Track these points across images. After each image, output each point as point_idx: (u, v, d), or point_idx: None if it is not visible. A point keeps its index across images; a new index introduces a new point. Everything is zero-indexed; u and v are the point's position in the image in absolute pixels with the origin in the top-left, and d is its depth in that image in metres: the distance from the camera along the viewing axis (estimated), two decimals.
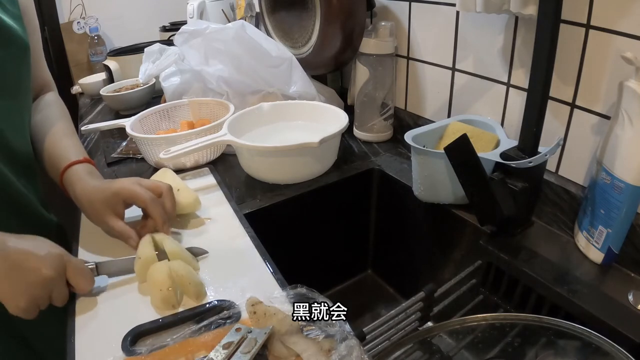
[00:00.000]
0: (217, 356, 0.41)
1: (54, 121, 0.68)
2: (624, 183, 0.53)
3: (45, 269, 0.46)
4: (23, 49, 0.60)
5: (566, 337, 0.48)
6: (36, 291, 0.46)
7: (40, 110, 0.70)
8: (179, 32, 0.99)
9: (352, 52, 0.92)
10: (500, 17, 0.70)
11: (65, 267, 0.49)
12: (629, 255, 0.58)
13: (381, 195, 0.89)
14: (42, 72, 0.73)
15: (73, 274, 0.49)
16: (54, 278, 0.47)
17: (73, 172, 0.61)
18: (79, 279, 0.50)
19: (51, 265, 0.47)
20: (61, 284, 0.49)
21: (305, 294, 0.47)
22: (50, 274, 0.47)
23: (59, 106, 0.73)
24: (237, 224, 0.65)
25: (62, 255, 0.49)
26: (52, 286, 0.48)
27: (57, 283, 0.48)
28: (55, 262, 0.48)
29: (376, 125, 0.96)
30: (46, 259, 0.47)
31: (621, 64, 0.51)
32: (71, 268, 0.49)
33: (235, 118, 0.85)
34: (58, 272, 0.48)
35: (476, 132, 0.72)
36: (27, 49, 0.61)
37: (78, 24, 1.55)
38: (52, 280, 0.47)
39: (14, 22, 0.58)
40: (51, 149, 0.65)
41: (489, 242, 0.65)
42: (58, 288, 0.48)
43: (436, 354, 0.57)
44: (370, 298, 0.95)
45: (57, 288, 0.48)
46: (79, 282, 0.50)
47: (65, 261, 0.49)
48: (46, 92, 0.75)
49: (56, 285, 0.48)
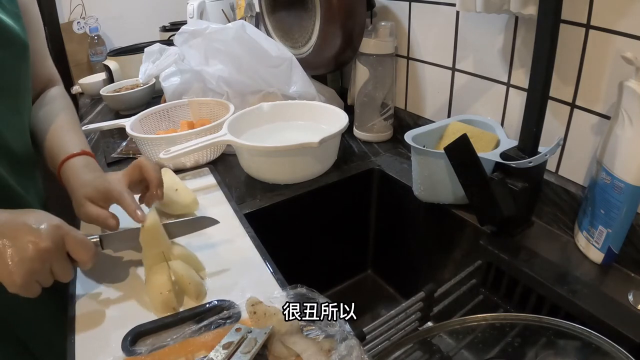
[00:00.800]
0: (217, 356, 0.41)
1: (56, 115, 0.67)
2: (624, 183, 0.53)
3: (41, 241, 0.44)
4: (22, 49, 0.59)
5: (566, 337, 0.48)
6: (33, 265, 0.43)
7: (44, 104, 0.69)
8: (179, 32, 0.99)
9: (352, 52, 0.92)
10: (500, 17, 0.70)
11: (63, 239, 0.46)
12: (629, 255, 0.58)
13: (381, 195, 0.89)
14: (47, 67, 0.72)
15: (73, 245, 0.47)
16: (51, 250, 0.44)
17: (69, 166, 0.59)
18: (79, 250, 0.47)
19: (48, 237, 0.44)
20: (61, 257, 0.46)
21: (305, 294, 0.47)
22: (47, 246, 0.44)
23: (63, 99, 0.71)
24: (237, 224, 0.65)
25: (59, 226, 0.47)
26: (50, 259, 0.45)
27: (56, 256, 0.45)
28: (52, 233, 0.45)
29: (376, 125, 0.96)
30: (42, 230, 0.45)
31: (621, 64, 0.51)
32: (70, 239, 0.47)
33: (235, 118, 0.85)
34: (56, 243, 0.45)
35: (476, 132, 0.72)
36: (26, 49, 0.60)
37: (78, 24, 1.55)
38: (50, 252, 0.44)
39: (13, 22, 0.58)
40: (52, 142, 0.63)
41: (489, 242, 0.65)
42: (58, 262, 0.46)
43: (436, 354, 0.57)
44: (370, 298, 0.95)
45: (57, 262, 0.46)
46: (80, 253, 0.47)
47: (64, 232, 0.46)
48: (52, 86, 0.73)
49: (55, 259, 0.45)
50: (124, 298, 0.52)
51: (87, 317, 0.50)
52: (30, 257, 0.43)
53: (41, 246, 0.44)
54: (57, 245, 0.46)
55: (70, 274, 0.48)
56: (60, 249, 0.46)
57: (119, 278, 0.55)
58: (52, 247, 0.45)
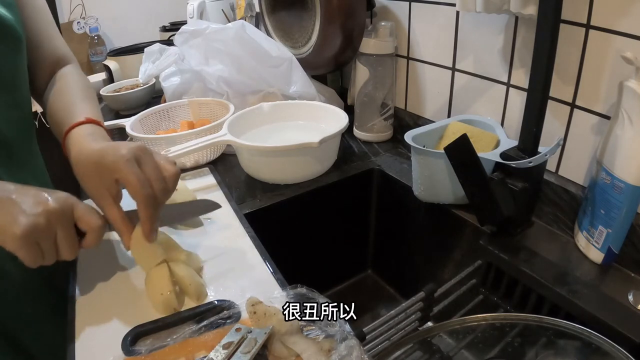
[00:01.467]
0: (217, 356, 0.41)
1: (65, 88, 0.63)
2: (624, 183, 0.53)
3: (50, 203, 0.42)
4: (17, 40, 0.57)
5: (566, 337, 0.48)
6: (38, 220, 0.41)
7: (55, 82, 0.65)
8: (179, 32, 0.99)
9: (352, 52, 0.92)
10: (500, 17, 0.70)
11: (72, 207, 0.45)
12: (629, 255, 0.58)
13: (381, 195, 0.89)
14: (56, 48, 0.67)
15: (81, 213, 0.45)
16: (59, 213, 0.43)
17: (72, 135, 0.54)
18: (89, 216, 0.45)
19: (55, 200, 0.43)
20: (67, 224, 0.44)
21: (305, 294, 0.47)
22: (55, 207, 0.42)
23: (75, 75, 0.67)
24: (237, 224, 0.65)
25: (69, 196, 0.45)
26: (57, 223, 0.43)
27: (62, 221, 0.43)
28: (62, 200, 0.44)
29: (376, 125, 0.96)
30: (52, 196, 0.43)
31: (621, 64, 0.51)
32: (79, 208, 0.45)
33: (235, 118, 0.85)
34: (62, 207, 0.43)
35: (476, 132, 0.72)
36: (20, 40, 0.57)
37: (78, 24, 1.55)
38: (57, 214, 0.42)
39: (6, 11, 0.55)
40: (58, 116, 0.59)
41: (489, 242, 0.65)
42: (64, 229, 0.43)
43: (436, 354, 0.57)
44: (370, 298, 0.95)
45: (63, 229, 0.43)
46: (89, 219, 0.45)
47: (73, 202, 0.45)
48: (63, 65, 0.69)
49: (62, 225, 0.43)
50: (124, 298, 0.52)
51: (87, 317, 0.50)
52: (36, 212, 0.41)
53: (49, 207, 0.42)
54: (65, 211, 0.44)
55: (75, 249, 0.45)
56: (67, 216, 0.44)
57: (119, 278, 0.55)
58: (60, 211, 0.43)
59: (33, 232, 0.41)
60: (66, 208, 0.44)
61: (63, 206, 0.44)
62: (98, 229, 0.46)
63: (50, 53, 0.67)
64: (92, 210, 0.46)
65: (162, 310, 0.49)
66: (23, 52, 0.59)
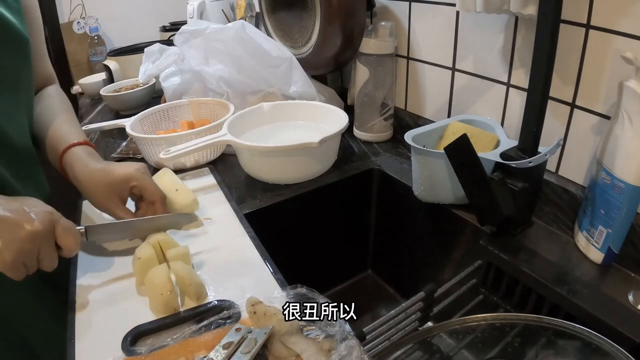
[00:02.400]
0: (217, 356, 0.41)
1: (55, 110, 0.68)
2: (624, 183, 0.53)
3: (34, 223, 0.46)
4: (23, 44, 0.59)
5: (566, 337, 0.48)
6: (24, 246, 0.45)
7: (41, 100, 0.70)
8: (179, 32, 0.99)
9: (352, 52, 0.92)
10: (500, 17, 0.70)
11: (54, 225, 0.48)
12: (629, 255, 0.58)
13: (381, 195, 0.89)
14: (45, 67, 0.73)
15: (62, 231, 0.49)
16: (42, 233, 0.46)
17: (72, 153, 0.61)
18: (68, 237, 0.49)
19: (40, 221, 0.46)
20: (49, 241, 0.48)
21: (305, 294, 0.47)
22: (39, 228, 0.46)
23: (60, 97, 0.73)
24: (237, 224, 0.65)
25: (51, 212, 0.49)
26: (40, 242, 0.47)
27: (46, 240, 0.47)
28: (45, 219, 0.47)
29: (376, 125, 0.96)
30: (35, 214, 0.47)
31: (621, 64, 0.51)
32: (60, 226, 0.49)
33: (235, 118, 0.85)
34: (46, 228, 0.47)
35: (476, 132, 0.72)
36: (26, 44, 0.60)
37: (78, 24, 1.55)
38: (41, 235, 0.46)
39: (14, 17, 0.58)
40: (52, 134, 0.65)
41: (489, 242, 0.65)
42: (46, 246, 0.47)
43: (436, 354, 0.57)
44: (370, 298, 0.95)
45: (45, 246, 0.47)
46: (68, 240, 0.49)
47: (55, 219, 0.49)
48: (49, 85, 0.74)
49: (44, 243, 0.47)
50: (124, 298, 0.52)
51: (87, 317, 0.50)
52: (22, 237, 0.45)
53: (34, 228, 0.45)
54: (48, 230, 0.47)
55: (55, 262, 0.49)
56: (50, 234, 0.48)
57: (119, 278, 0.55)
58: (43, 231, 0.46)
59: (20, 258, 0.45)
60: (50, 228, 0.48)
61: (47, 226, 0.47)
62: (74, 249, 0.51)
63: (41, 70, 0.70)
64: (71, 229, 0.50)
65: (162, 310, 0.49)
66: (29, 55, 0.61)
